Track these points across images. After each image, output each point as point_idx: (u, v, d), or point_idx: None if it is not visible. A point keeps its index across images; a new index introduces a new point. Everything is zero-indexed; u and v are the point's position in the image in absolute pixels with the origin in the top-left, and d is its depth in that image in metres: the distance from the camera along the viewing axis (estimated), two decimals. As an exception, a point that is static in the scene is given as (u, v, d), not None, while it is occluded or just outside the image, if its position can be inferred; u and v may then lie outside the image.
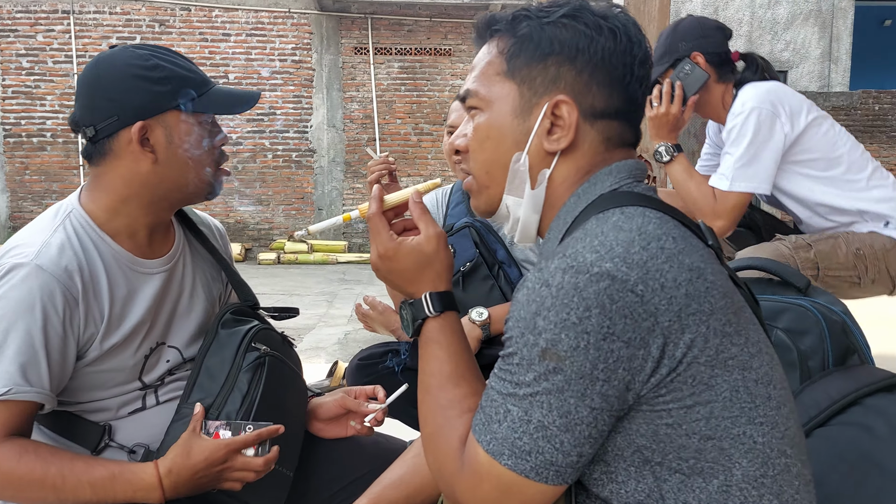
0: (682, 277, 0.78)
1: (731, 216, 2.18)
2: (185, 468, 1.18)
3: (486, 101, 0.95)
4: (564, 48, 0.90)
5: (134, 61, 1.24)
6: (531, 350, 0.78)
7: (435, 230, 0.98)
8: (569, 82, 0.90)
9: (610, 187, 0.91)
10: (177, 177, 1.28)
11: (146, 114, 1.24)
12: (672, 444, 0.79)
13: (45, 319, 1.16)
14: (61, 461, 1.17)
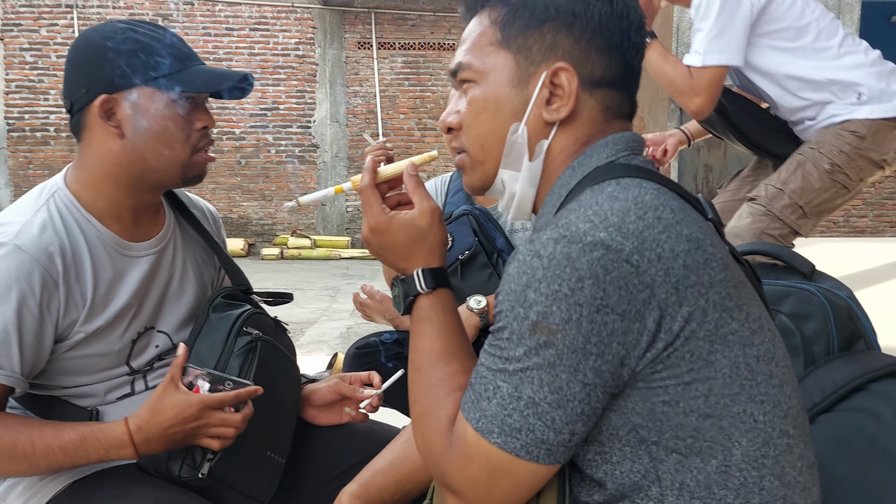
0: (680, 248, 0.75)
1: (708, 92, 2.16)
2: (154, 424, 1.14)
3: (481, 73, 0.92)
4: (561, 14, 0.87)
5: (109, 34, 1.21)
6: (521, 323, 0.75)
7: (429, 204, 0.94)
8: (567, 49, 0.88)
9: (606, 159, 0.88)
10: (145, 156, 1.23)
11: (112, 87, 1.20)
12: (669, 422, 0.76)
13: (21, 302, 1.13)
14: (30, 429, 1.15)
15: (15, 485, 1.25)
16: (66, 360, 1.23)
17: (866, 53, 2.28)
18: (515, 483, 0.77)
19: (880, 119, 2.22)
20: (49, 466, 1.15)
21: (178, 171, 1.26)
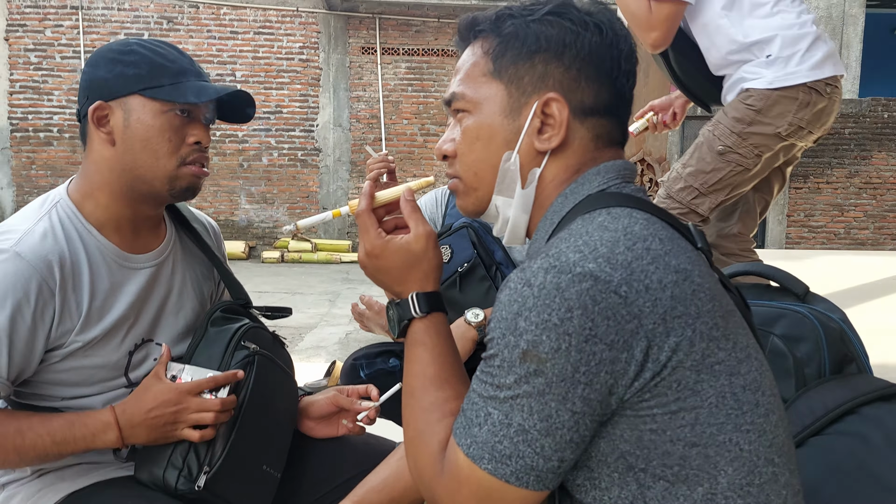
0: (668, 279, 0.76)
1: (664, 27, 2.22)
2: (137, 407, 1.20)
3: (474, 103, 0.94)
4: (551, 44, 0.89)
5: (114, 46, 1.26)
6: (512, 351, 0.76)
7: (425, 229, 0.96)
8: (557, 79, 0.90)
9: (597, 188, 0.89)
10: (133, 164, 1.25)
11: (106, 94, 1.24)
12: (656, 450, 0.77)
13: (15, 309, 1.15)
14: (18, 419, 1.18)
15: (13, 496, 1.26)
16: (63, 371, 1.24)
17: (798, 16, 2.25)
18: None
19: (779, 90, 2.20)
20: (37, 455, 1.17)
21: (164, 182, 1.27)
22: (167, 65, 1.25)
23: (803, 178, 10.67)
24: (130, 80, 1.23)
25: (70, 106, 10.15)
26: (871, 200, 10.72)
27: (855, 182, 10.69)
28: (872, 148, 10.65)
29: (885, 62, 13.45)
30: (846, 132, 10.64)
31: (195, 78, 1.27)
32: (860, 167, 10.67)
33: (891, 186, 10.68)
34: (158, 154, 1.25)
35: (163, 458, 1.24)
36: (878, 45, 13.21)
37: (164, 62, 1.25)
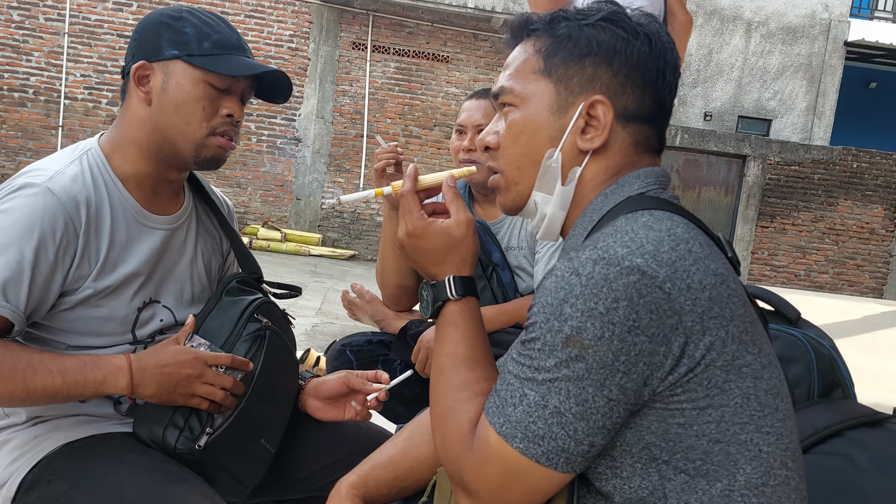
0: (708, 281, 0.80)
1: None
2: (153, 359, 1.20)
3: (522, 98, 0.96)
4: (602, 49, 0.92)
5: (167, 10, 1.30)
6: (555, 336, 0.79)
7: (466, 215, 0.98)
8: (605, 83, 0.93)
9: (637, 190, 0.93)
10: (164, 125, 1.28)
11: (152, 55, 1.26)
12: (681, 443, 0.80)
13: (41, 242, 1.16)
14: (30, 352, 1.17)
15: (6, 441, 1.25)
16: (73, 320, 1.24)
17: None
18: (531, 488, 0.81)
19: None
20: (45, 392, 1.15)
21: (191, 148, 1.29)
22: (213, 35, 1.27)
23: (770, 217, 10.93)
24: (175, 44, 1.25)
25: (49, 69, 9.95)
26: (833, 246, 11.02)
27: (819, 227, 10.98)
28: (839, 195, 10.95)
29: (859, 114, 13.86)
30: (815, 177, 10.93)
31: (238, 53, 1.29)
32: (826, 213, 10.96)
33: (853, 234, 10.99)
34: (190, 120, 1.27)
35: (164, 417, 1.24)
36: (854, 97, 13.61)
37: (210, 32, 1.27)
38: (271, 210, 10.53)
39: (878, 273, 11.11)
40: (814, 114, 12.21)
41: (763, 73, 12.21)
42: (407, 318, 2.06)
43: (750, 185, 10.87)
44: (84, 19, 9.96)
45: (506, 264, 2.01)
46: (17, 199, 1.17)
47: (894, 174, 10.98)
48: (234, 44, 1.29)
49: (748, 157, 10.83)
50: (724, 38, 12.14)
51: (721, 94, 12.22)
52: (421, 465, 1.12)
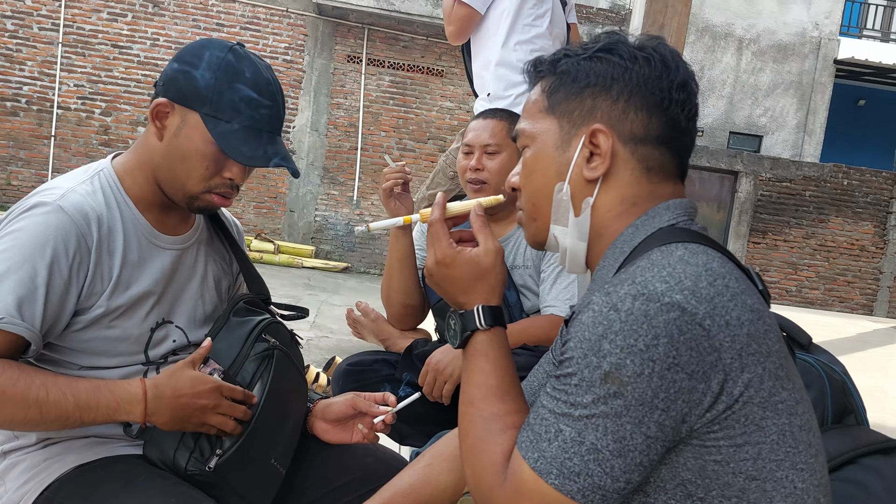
0: (745, 317, 0.80)
1: (456, 25, 2.79)
2: (169, 387, 1.18)
3: (532, 137, 0.99)
4: (600, 79, 0.94)
5: (210, 59, 1.24)
6: (593, 372, 0.78)
7: (494, 244, 0.98)
8: (605, 111, 0.94)
9: (668, 222, 0.93)
10: (167, 167, 1.27)
11: (174, 96, 1.24)
12: (718, 480, 0.80)
13: (54, 259, 1.16)
14: (45, 375, 1.16)
15: (16, 464, 1.24)
16: (86, 340, 1.24)
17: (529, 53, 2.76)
18: None
19: None
20: (58, 415, 1.14)
21: (184, 197, 1.29)
22: (240, 105, 1.23)
23: (762, 233, 10.99)
24: (198, 99, 1.23)
25: (42, 78, 9.91)
26: (825, 262, 11.09)
27: (811, 243, 11.05)
28: (830, 212, 11.04)
29: (848, 131, 13.99)
30: (807, 194, 11.01)
31: (262, 127, 1.26)
32: (817, 229, 11.04)
33: (844, 251, 11.06)
34: (191, 173, 1.26)
35: (175, 439, 1.23)
36: (843, 114, 13.74)
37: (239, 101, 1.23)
38: (264, 222, 10.50)
39: (867, 290, 11.18)
40: (804, 131, 12.32)
41: (754, 90, 12.32)
42: (412, 338, 2.05)
43: (742, 201, 10.93)
44: (78, 29, 9.94)
45: (511, 284, 2.00)
46: (30, 218, 1.17)
47: (884, 192, 11.07)
48: (264, 124, 1.26)
49: (740, 173, 10.91)
50: (716, 55, 12.25)
51: (713, 110, 12.31)
52: (442, 492, 1.12)
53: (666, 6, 2.96)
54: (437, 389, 1.80)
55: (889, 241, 11.08)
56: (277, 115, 1.29)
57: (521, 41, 2.78)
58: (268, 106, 1.26)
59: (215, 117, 1.23)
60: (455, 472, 1.14)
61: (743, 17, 12.21)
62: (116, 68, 10.04)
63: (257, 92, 1.25)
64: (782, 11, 12.25)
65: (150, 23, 10.06)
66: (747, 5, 12.19)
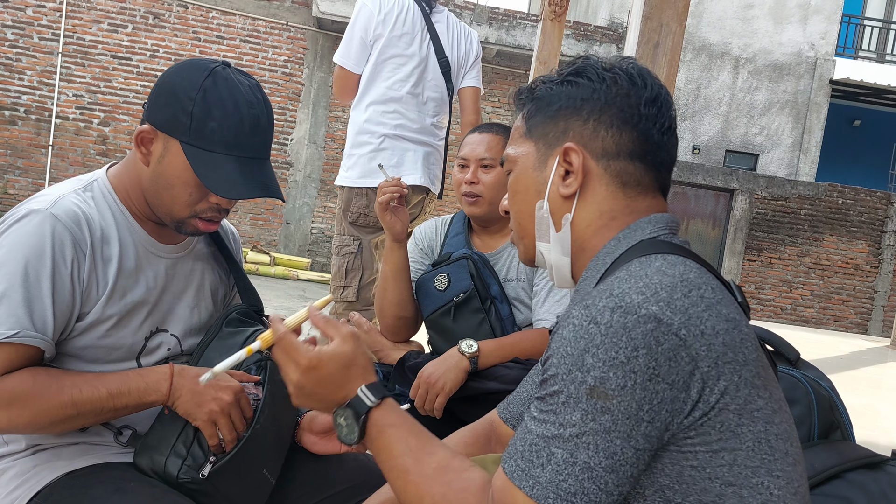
0: (721, 326, 0.81)
1: (336, 84, 2.93)
2: (194, 369, 1.26)
3: (514, 161, 1.05)
4: (571, 101, 0.99)
5: (190, 84, 1.22)
6: (579, 388, 0.79)
7: (347, 329, 0.98)
8: (577, 131, 0.98)
9: (650, 234, 0.95)
10: (154, 193, 1.27)
11: (157, 123, 1.24)
12: (695, 486, 0.81)
13: (54, 267, 1.17)
14: (72, 375, 1.20)
15: (5, 470, 1.24)
16: (83, 346, 1.24)
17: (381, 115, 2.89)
18: None
19: (348, 186, 2.91)
20: (93, 408, 1.18)
21: (171, 221, 1.30)
22: (221, 132, 1.21)
23: (757, 251, 11.03)
24: (180, 127, 1.21)
25: (42, 88, 9.95)
26: (819, 281, 11.12)
27: (805, 261, 11.09)
28: (825, 231, 11.08)
29: (844, 151, 14.07)
30: (802, 213, 11.06)
31: (244, 153, 1.24)
32: (811, 248, 11.08)
33: (838, 270, 11.10)
34: (176, 199, 1.26)
35: (166, 447, 1.24)
36: (839, 134, 13.83)
37: (219, 128, 1.21)
38: (261, 233, 10.51)
39: (862, 308, 11.21)
40: (800, 149, 12.39)
41: (750, 109, 12.40)
42: (405, 349, 2.06)
43: (737, 219, 10.98)
44: (78, 39, 9.99)
45: (504, 297, 2.01)
46: (24, 228, 1.18)
47: (878, 211, 11.13)
48: (246, 151, 1.24)
49: (736, 190, 10.96)
50: (713, 74, 12.34)
51: (709, 129, 12.39)
52: None
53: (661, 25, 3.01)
54: (428, 402, 1.80)
55: (883, 261, 11.13)
56: (262, 140, 1.26)
57: (374, 101, 2.87)
58: (249, 132, 1.23)
59: (194, 146, 1.21)
60: None
61: (739, 36, 12.31)
62: (116, 79, 10.08)
63: (238, 118, 1.22)
64: (778, 32, 12.36)
65: (151, 34, 10.12)
66: (743, 25, 12.29)
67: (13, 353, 1.14)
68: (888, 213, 11.10)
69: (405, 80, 2.86)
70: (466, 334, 1.95)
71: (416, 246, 2.19)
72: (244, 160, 1.24)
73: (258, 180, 1.25)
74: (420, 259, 2.16)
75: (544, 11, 4.77)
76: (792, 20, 12.37)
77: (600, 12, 12.35)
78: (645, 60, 2.55)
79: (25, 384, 1.13)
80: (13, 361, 1.14)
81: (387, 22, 2.81)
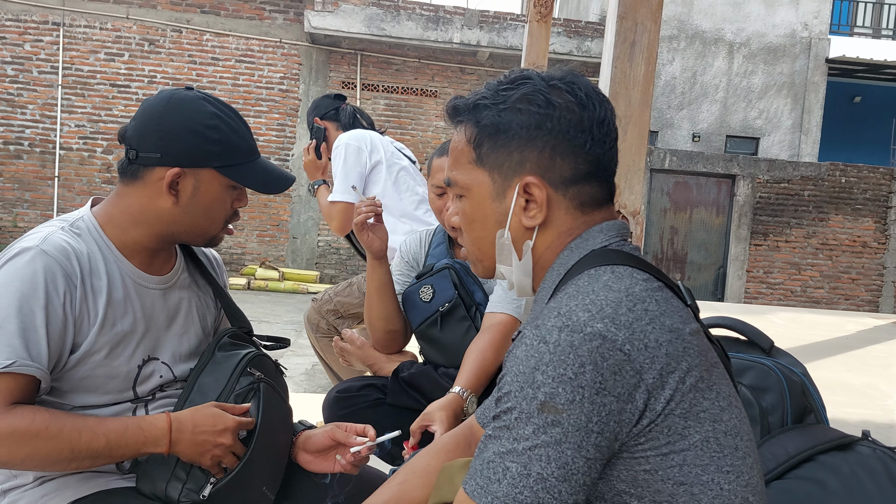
0: (663, 338, 0.85)
1: (338, 218, 3.04)
2: (190, 422, 1.28)
3: (466, 188, 1.03)
4: (523, 130, 0.97)
5: (198, 116, 1.32)
6: (530, 403, 0.83)
7: None
8: (533, 161, 0.97)
9: (601, 244, 0.98)
10: (189, 223, 1.36)
11: (186, 163, 1.31)
12: (649, 488, 0.85)
13: (47, 299, 1.22)
14: (74, 417, 1.23)
15: (15, 502, 1.29)
16: (80, 378, 1.29)
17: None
18: None
19: None
20: (89, 454, 1.21)
21: (205, 239, 1.41)
22: (240, 144, 1.36)
23: (763, 235, 11.01)
24: (210, 156, 1.33)
25: (44, 121, 10.08)
26: (827, 261, 11.09)
27: (812, 243, 11.05)
28: (830, 211, 11.05)
29: (844, 129, 14.01)
30: (805, 194, 11.03)
31: (257, 156, 1.39)
32: (818, 228, 11.05)
33: (846, 249, 11.06)
34: (214, 220, 1.37)
35: (166, 472, 1.29)
36: (839, 112, 13.77)
37: (239, 142, 1.35)
38: (268, 250, 10.60)
39: (872, 286, 11.17)
40: (800, 130, 12.36)
41: (748, 93, 12.38)
42: (398, 361, 2.11)
43: (741, 205, 10.96)
44: (77, 71, 10.12)
45: (478, 286, 2.06)
46: (17, 265, 1.23)
47: (882, 187, 11.09)
48: (254, 148, 1.39)
49: (737, 176, 10.95)
50: (707, 61, 12.34)
51: (707, 115, 12.38)
52: None
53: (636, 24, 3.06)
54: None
55: (891, 237, 11.09)
56: (252, 134, 1.41)
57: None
58: (249, 133, 1.39)
59: (229, 165, 1.33)
60: (427, 487, 1.19)
61: (731, 21, 12.30)
62: (116, 107, 10.20)
63: (239, 125, 1.37)
64: (770, 14, 12.34)
65: (147, 61, 10.23)
66: (734, 10, 12.29)
67: (11, 382, 1.18)
68: (892, 189, 11.05)
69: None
70: (455, 342, 2.00)
71: (402, 259, 2.24)
72: (258, 158, 1.40)
73: (274, 170, 1.42)
74: (407, 272, 2.20)
75: (530, 13, 4.82)
76: (783, 1, 12.35)
77: (591, 7, 12.38)
78: (622, 59, 2.60)
79: (24, 422, 1.17)
80: (13, 391, 1.19)
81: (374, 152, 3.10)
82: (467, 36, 10.27)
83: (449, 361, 2.02)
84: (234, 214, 1.41)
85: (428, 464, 1.24)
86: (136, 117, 1.35)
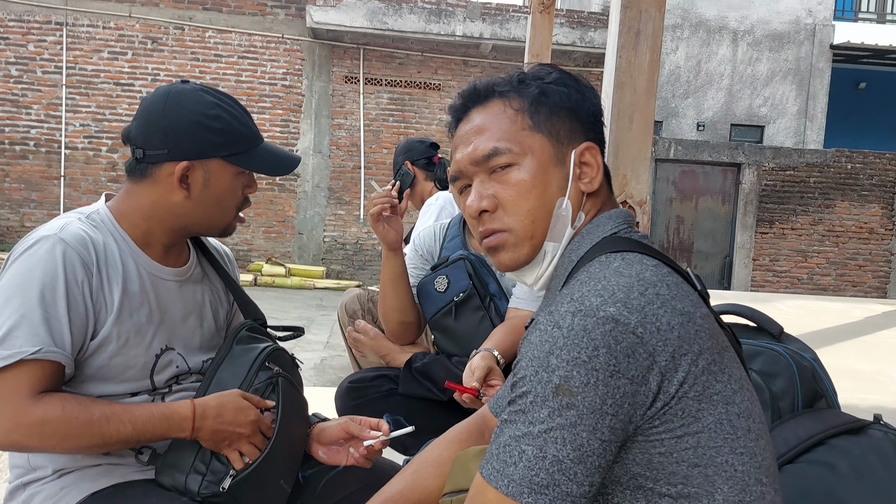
0: (675, 321, 0.86)
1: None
2: (214, 408, 1.31)
3: (521, 155, 1.01)
4: (571, 102, 1.04)
5: (199, 108, 1.34)
6: (545, 387, 0.84)
7: None
8: (581, 131, 1.04)
9: (610, 231, 1.01)
10: (202, 214, 1.38)
11: (193, 156, 1.34)
12: (664, 470, 0.86)
13: (67, 287, 1.25)
14: (102, 405, 1.26)
15: (35, 495, 1.31)
16: (98, 367, 1.31)
17: None
18: None
19: None
20: (119, 440, 1.25)
21: (220, 229, 1.43)
22: (244, 131, 1.38)
23: (769, 223, 10.99)
24: (217, 146, 1.35)
25: (49, 121, 10.12)
26: (834, 248, 11.06)
27: (818, 230, 11.03)
28: (836, 197, 11.02)
29: (850, 115, 13.96)
30: (811, 181, 11.00)
31: (261, 142, 1.42)
32: (824, 215, 11.02)
33: (853, 235, 11.04)
34: (226, 209, 1.40)
35: (186, 464, 1.31)
36: (844, 98, 13.71)
37: (242, 129, 1.38)
38: (274, 246, 10.63)
39: (880, 272, 11.14)
40: (805, 117, 12.32)
41: (752, 81, 12.34)
42: (411, 352, 2.12)
43: (746, 193, 10.94)
44: (81, 70, 10.14)
45: (503, 294, 2.08)
46: (37, 253, 1.26)
47: (888, 173, 11.05)
48: (255, 133, 1.41)
49: (743, 164, 10.93)
50: (712, 49, 12.30)
51: (713, 104, 12.35)
52: (429, 496, 1.18)
53: (640, 12, 3.05)
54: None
55: (898, 222, 11.06)
56: (250, 116, 1.43)
57: None
58: (250, 119, 1.41)
59: (236, 153, 1.36)
60: (440, 476, 1.20)
61: (735, 8, 12.26)
62: (120, 105, 10.23)
63: (240, 112, 1.39)
64: (774, 1, 12.29)
65: (150, 59, 10.25)
66: (738, -3, 12.24)
67: (39, 369, 1.21)
68: (899, 174, 11.02)
69: None
70: (469, 332, 2.01)
71: (417, 252, 2.26)
72: (263, 144, 1.42)
73: (280, 153, 1.45)
74: (421, 265, 2.22)
75: (532, 4, 4.81)
76: (787, -12, 12.30)
77: (594, -3, 12.35)
78: (627, 49, 2.61)
79: (55, 411, 1.20)
80: (40, 379, 1.21)
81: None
82: (470, 28, 10.26)
83: (462, 351, 2.04)
84: (244, 201, 1.43)
85: (441, 453, 1.26)
86: (137, 116, 1.37)
